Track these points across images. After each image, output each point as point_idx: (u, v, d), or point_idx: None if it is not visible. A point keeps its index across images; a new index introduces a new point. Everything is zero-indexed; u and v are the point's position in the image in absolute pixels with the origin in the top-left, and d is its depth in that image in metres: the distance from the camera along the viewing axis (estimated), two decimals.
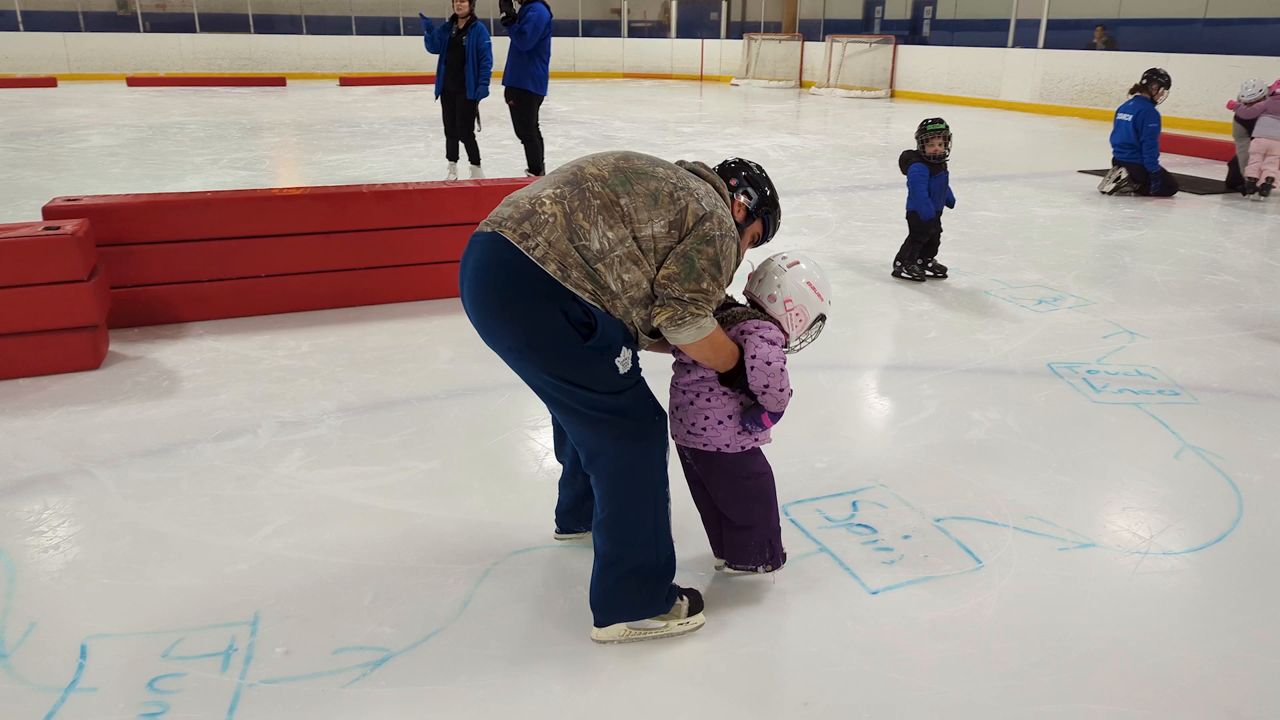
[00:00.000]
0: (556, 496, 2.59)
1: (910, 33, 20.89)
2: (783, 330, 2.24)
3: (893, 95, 18.94)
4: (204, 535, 2.65)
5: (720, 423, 2.22)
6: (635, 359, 2.09)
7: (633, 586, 2.14)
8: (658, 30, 26.64)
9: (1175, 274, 5.65)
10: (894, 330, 4.60)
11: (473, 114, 7.71)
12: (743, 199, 2.23)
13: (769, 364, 2.12)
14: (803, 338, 2.31)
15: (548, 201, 1.95)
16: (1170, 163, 8.87)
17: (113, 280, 4.17)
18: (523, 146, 7.66)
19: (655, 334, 2.09)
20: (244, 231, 4.41)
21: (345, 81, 19.82)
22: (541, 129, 7.75)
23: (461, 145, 7.90)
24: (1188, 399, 3.67)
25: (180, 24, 21.33)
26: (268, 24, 22.06)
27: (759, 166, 2.32)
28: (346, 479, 2.98)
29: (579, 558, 2.54)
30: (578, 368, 1.96)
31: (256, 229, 4.43)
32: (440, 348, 4.20)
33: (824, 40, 20.71)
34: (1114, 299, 5.06)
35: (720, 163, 2.32)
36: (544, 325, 1.91)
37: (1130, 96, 8.11)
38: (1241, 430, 3.42)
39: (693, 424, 2.24)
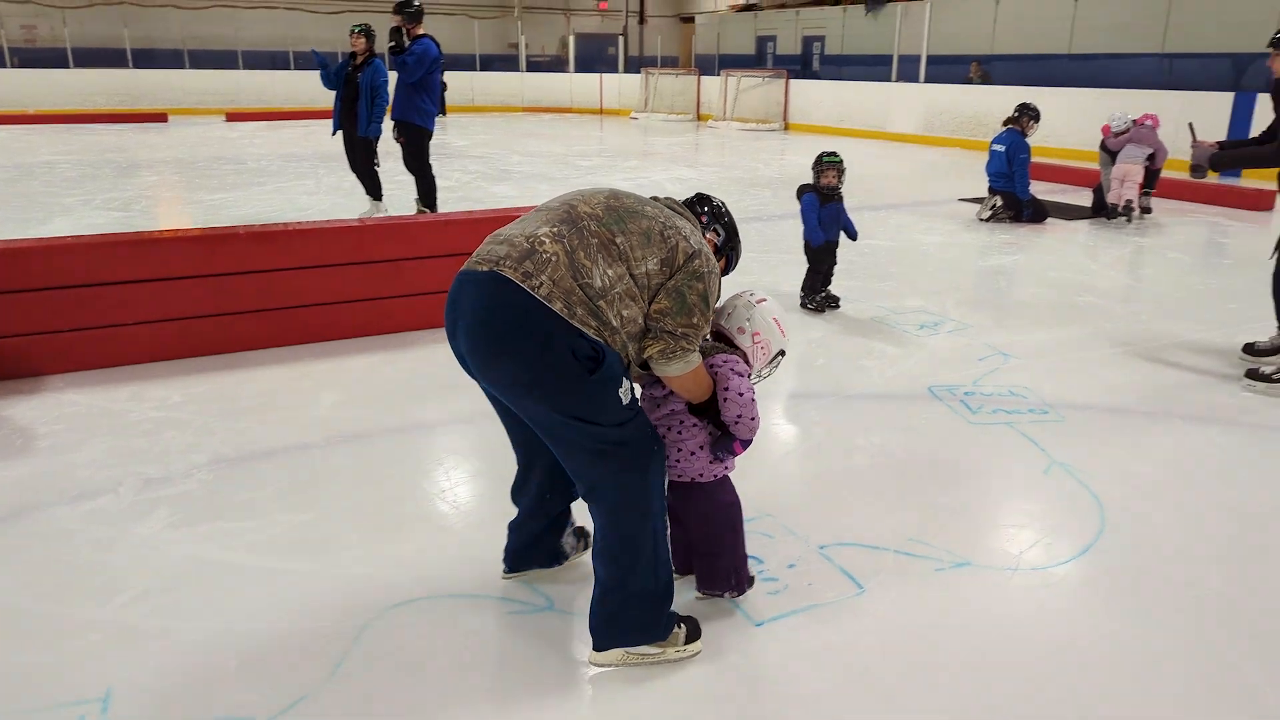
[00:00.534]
0: (507, 538, 2.57)
1: (802, 67, 21.57)
2: (747, 362, 2.35)
3: (787, 128, 19.50)
4: (53, 606, 2.47)
5: (693, 453, 2.29)
6: (633, 389, 2.12)
7: (631, 612, 2.18)
8: (556, 65, 26.84)
9: (1046, 296, 5.93)
10: (785, 358, 4.66)
11: (370, 150, 7.62)
12: (711, 235, 2.33)
13: (741, 395, 2.24)
14: (763, 371, 2.43)
15: (547, 240, 1.98)
16: (1041, 190, 9.35)
17: None
18: (415, 181, 7.55)
19: (643, 366, 2.15)
20: (108, 277, 4.18)
21: (232, 117, 19.24)
22: (435, 164, 7.68)
23: (366, 178, 7.78)
24: (1056, 417, 3.84)
25: (52, 59, 20.37)
26: (148, 58, 21.27)
27: (721, 202, 2.41)
28: (214, 537, 2.82)
29: (463, 609, 2.47)
30: (585, 402, 1.99)
31: (122, 274, 4.21)
32: (323, 393, 4.06)
33: (719, 75, 21.21)
34: (990, 322, 5.27)
35: (686, 199, 2.38)
36: (552, 362, 1.93)
37: (1003, 128, 8.54)
38: (1104, 445, 3.58)
39: (665, 456, 2.27)
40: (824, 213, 5.38)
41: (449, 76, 21.79)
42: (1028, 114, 8.45)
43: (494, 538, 2.63)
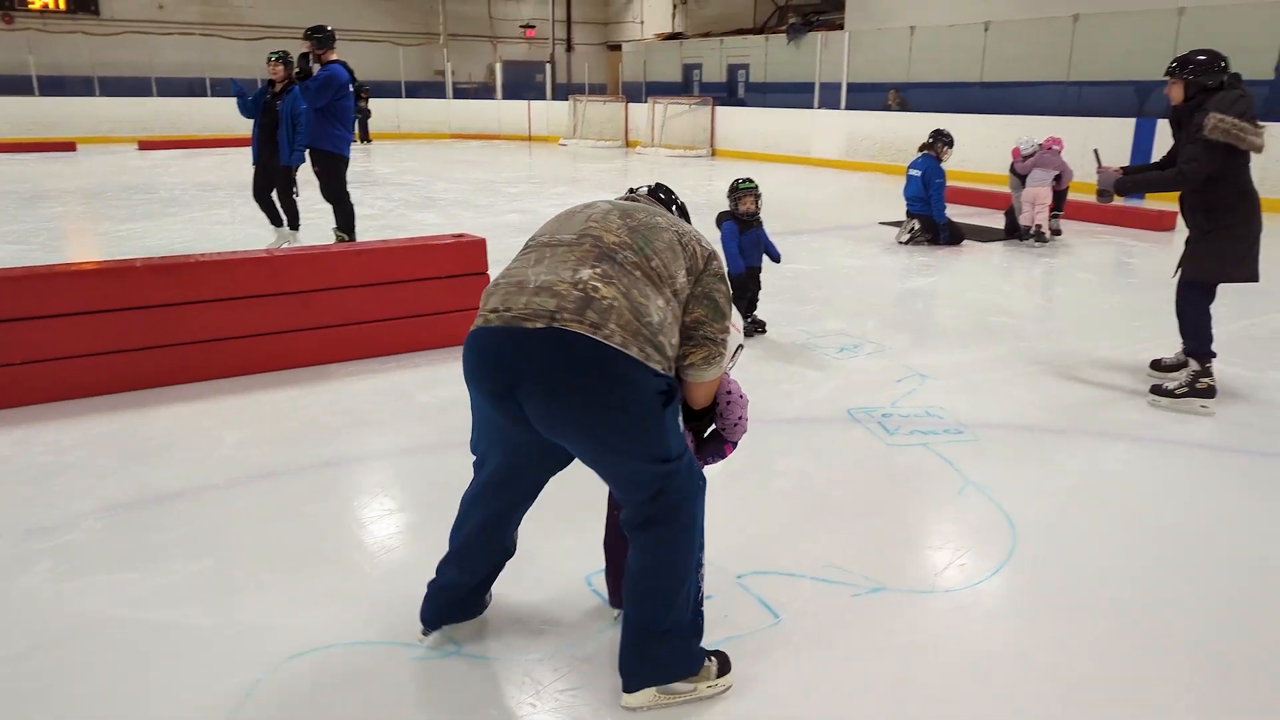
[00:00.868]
0: (424, 595, 2.38)
1: (728, 95, 21.91)
2: None
3: (714, 154, 19.74)
4: None
5: None
6: None
7: (665, 649, 2.11)
8: (484, 92, 26.75)
9: (963, 317, 6.06)
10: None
11: (290, 179, 7.46)
12: None
13: (741, 397, 2.28)
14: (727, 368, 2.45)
15: (600, 285, 1.94)
16: (957, 213, 9.59)
17: None
18: (333, 208, 7.37)
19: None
20: None
21: (145, 145, 18.65)
22: (355, 191, 7.53)
23: (284, 208, 7.61)
24: (971, 437, 3.89)
25: None
26: (56, 86, 20.50)
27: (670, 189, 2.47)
28: (100, 589, 2.66)
29: (367, 657, 2.36)
30: (664, 442, 1.99)
31: (9, 311, 3.98)
32: (227, 431, 3.89)
33: (646, 102, 21.40)
34: (908, 344, 5.35)
35: (650, 188, 2.40)
36: (642, 411, 1.94)
37: (919, 154, 8.75)
38: (1016, 464, 3.64)
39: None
40: (744, 240, 5.40)
41: (374, 104, 21.57)
42: (942, 140, 8.68)
43: (403, 580, 2.54)
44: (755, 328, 5.52)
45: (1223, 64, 4.10)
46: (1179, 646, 2.45)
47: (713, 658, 2.22)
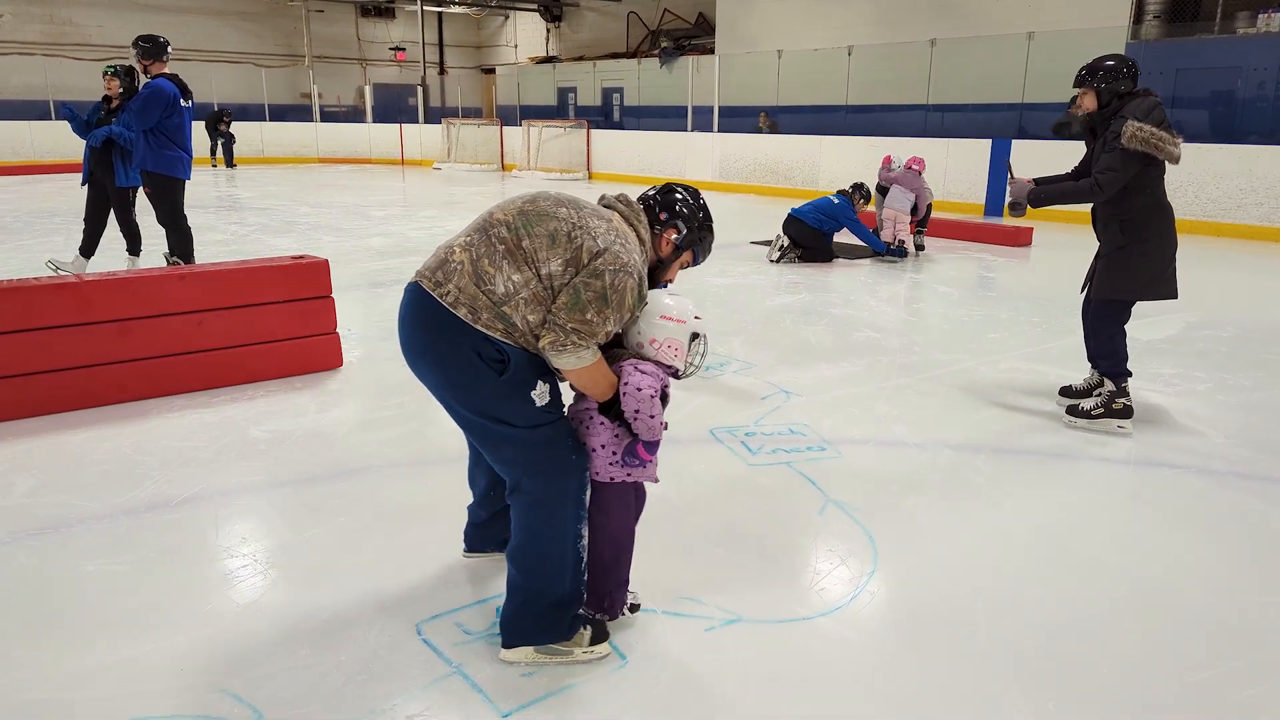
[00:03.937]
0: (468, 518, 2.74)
1: (603, 118, 21.95)
2: (668, 367, 2.34)
3: (590, 176, 19.69)
4: None
5: (594, 450, 2.30)
6: (555, 392, 2.23)
7: (534, 614, 2.27)
8: (353, 115, 25.97)
9: (828, 333, 6.07)
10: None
11: (127, 201, 6.88)
12: (671, 233, 2.38)
13: (639, 390, 2.23)
14: (691, 361, 2.39)
15: (457, 250, 2.15)
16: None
17: None
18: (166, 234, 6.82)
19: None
20: None
21: None
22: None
23: (122, 233, 7.02)
24: (833, 454, 3.82)
25: None
26: None
27: (691, 194, 2.43)
28: None
29: None
30: (496, 403, 2.13)
31: None
32: (19, 477, 3.44)
33: (521, 125, 21.20)
34: (774, 360, 5.30)
35: (644, 194, 2.41)
36: (461, 365, 2.10)
37: (837, 193, 8.97)
38: (876, 480, 3.57)
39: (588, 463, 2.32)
40: None
41: (236, 127, 20.56)
42: (860, 193, 8.91)
43: (204, 649, 2.20)
44: None
45: (1131, 68, 3.94)
46: (1031, 664, 2.38)
47: (588, 626, 2.34)
